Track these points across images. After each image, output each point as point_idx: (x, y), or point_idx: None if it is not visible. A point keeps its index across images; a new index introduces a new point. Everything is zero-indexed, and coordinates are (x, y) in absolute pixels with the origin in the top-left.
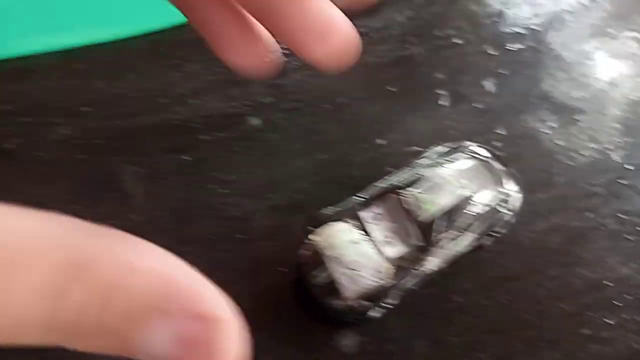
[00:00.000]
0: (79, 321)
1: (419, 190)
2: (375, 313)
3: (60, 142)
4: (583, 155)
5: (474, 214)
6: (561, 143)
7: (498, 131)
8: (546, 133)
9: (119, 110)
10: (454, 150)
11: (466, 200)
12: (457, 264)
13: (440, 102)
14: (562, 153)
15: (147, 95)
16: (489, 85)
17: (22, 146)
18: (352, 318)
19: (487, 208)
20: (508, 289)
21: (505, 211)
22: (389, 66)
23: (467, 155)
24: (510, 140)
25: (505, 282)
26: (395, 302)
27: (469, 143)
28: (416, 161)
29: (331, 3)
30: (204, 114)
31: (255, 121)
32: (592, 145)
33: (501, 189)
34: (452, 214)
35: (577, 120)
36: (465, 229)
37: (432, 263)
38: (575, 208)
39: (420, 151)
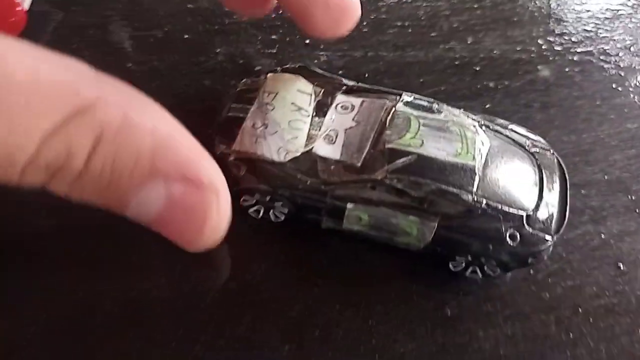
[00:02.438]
0: (69, 163)
1: (417, 119)
2: (255, 208)
3: None
4: None
5: (467, 201)
6: None
7: None
8: None
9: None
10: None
11: (460, 171)
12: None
13: None
14: None
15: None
16: None
17: None
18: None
19: (493, 212)
20: None
21: (513, 230)
22: None
23: (518, 148)
24: None
25: None
26: (282, 208)
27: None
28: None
29: None
30: (485, 55)
31: (545, 72)
32: None
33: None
34: (434, 174)
35: None
36: (431, 204)
37: (349, 202)
38: None
39: None
